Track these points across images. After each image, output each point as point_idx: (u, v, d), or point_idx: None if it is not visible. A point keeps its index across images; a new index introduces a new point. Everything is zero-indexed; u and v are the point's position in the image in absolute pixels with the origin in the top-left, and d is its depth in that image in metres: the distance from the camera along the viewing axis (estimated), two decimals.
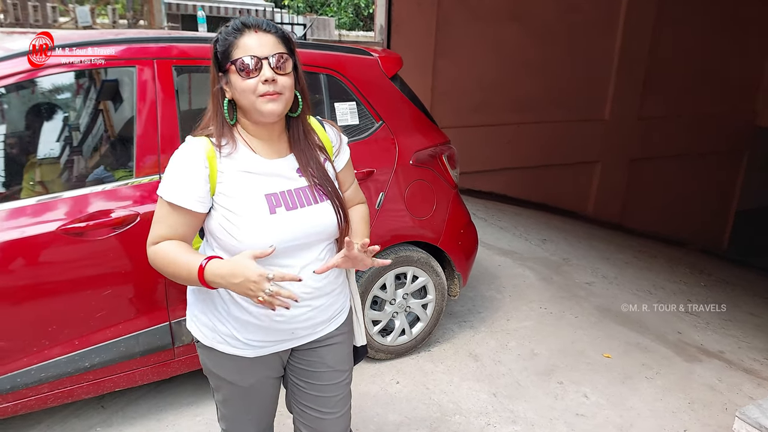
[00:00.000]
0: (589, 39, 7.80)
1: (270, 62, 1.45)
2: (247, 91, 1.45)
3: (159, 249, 1.50)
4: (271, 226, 1.49)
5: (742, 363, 3.57)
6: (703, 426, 2.90)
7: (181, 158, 1.49)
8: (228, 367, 1.64)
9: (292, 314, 1.58)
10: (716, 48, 8.81)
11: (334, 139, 1.70)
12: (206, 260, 1.42)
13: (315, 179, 1.58)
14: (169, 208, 1.49)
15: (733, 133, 9.66)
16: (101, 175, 2.48)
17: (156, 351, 2.58)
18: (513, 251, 4.97)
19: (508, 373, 3.21)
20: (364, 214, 1.79)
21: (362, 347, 1.90)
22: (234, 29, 1.47)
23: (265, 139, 1.56)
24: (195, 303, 1.66)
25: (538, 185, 8.01)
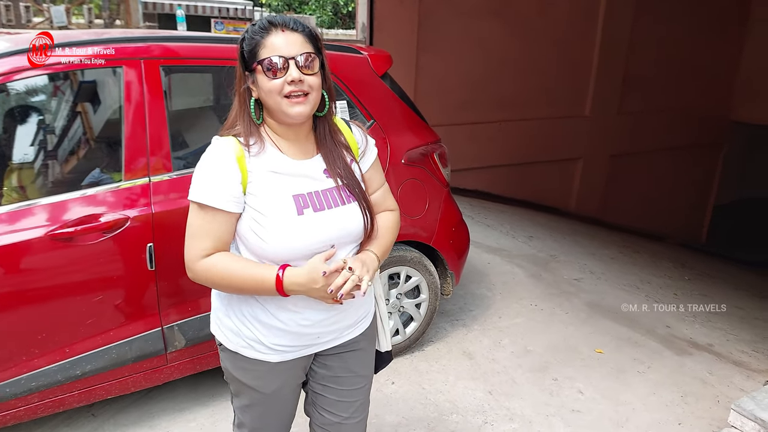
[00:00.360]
0: (569, 36, 7.85)
1: (297, 62, 1.42)
2: (273, 92, 1.43)
3: (215, 264, 1.47)
4: (298, 227, 1.47)
5: (731, 355, 3.61)
6: (696, 419, 2.92)
7: (213, 159, 1.46)
8: (251, 373, 1.61)
9: (318, 318, 1.57)
10: (693, 44, 8.93)
11: (360, 140, 1.67)
12: (281, 270, 1.43)
13: (342, 180, 1.56)
14: (207, 214, 1.45)
15: (711, 128, 9.80)
16: (98, 177, 2.42)
17: (148, 357, 2.53)
18: (501, 249, 4.98)
19: (502, 370, 3.21)
20: (391, 223, 1.71)
21: (387, 353, 1.87)
22: (261, 28, 1.45)
23: (292, 140, 1.54)
24: (220, 307, 1.64)
25: (522, 182, 8.04)
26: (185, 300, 2.58)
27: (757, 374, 3.39)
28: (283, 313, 1.54)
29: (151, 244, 2.41)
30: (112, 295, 2.41)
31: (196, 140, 2.81)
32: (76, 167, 2.53)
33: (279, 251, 1.46)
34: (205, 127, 2.86)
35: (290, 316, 1.54)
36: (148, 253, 2.41)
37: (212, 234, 1.46)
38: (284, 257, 1.47)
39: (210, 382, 2.96)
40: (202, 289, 2.57)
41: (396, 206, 1.77)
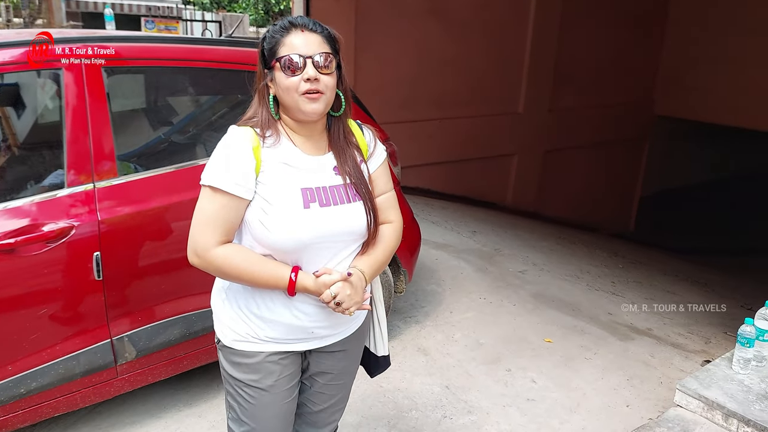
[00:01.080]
0: (502, 35, 8.02)
1: (314, 61, 1.47)
2: (290, 89, 1.49)
3: (230, 255, 1.51)
4: (302, 220, 1.50)
5: (669, 338, 3.78)
6: (643, 400, 3.05)
7: (229, 145, 1.51)
8: (245, 366, 1.63)
9: (311, 311, 1.60)
10: (618, 41, 9.28)
11: (369, 142, 1.70)
12: (293, 274, 1.51)
13: (351, 178, 1.60)
14: (221, 199, 1.48)
15: (636, 123, 10.22)
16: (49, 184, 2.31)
17: (97, 371, 2.43)
18: (447, 244, 5.05)
19: (457, 364, 3.25)
20: (387, 239, 1.69)
21: (384, 357, 1.91)
22: (282, 28, 1.51)
23: (305, 136, 1.58)
24: (218, 303, 1.68)
25: (461, 178, 8.16)
26: (135, 309, 2.49)
27: (694, 355, 3.57)
28: (277, 306, 1.58)
29: (98, 253, 2.31)
30: (58, 307, 2.30)
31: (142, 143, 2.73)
32: (14, 174, 2.40)
33: (282, 242, 1.49)
34: (151, 129, 2.78)
35: (284, 309, 1.58)
36: (95, 262, 2.32)
37: (225, 221, 1.50)
38: (287, 248, 1.51)
39: (161, 394, 2.88)
40: (153, 298, 2.53)
41: (398, 218, 1.75)
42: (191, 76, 2.71)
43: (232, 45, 2.82)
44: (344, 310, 1.53)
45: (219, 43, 2.85)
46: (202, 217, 1.50)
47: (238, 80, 2.73)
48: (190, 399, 2.88)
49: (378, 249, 1.66)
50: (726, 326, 4.21)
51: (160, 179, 2.51)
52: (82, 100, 2.33)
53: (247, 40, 3.65)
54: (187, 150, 2.77)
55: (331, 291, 1.51)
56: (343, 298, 1.52)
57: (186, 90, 2.85)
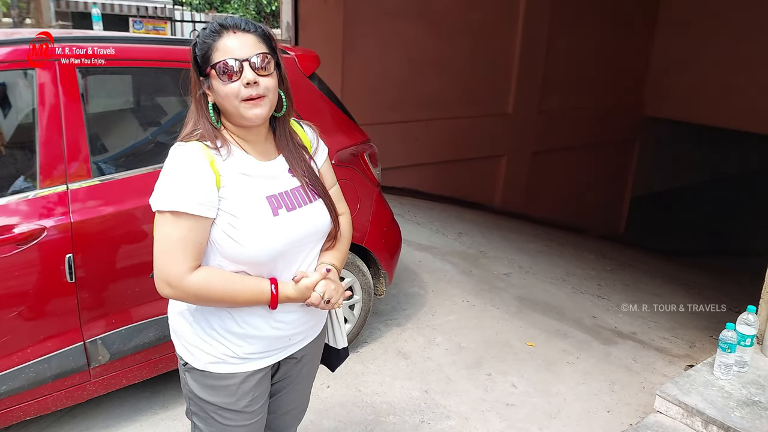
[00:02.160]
0: (491, 36, 8.01)
1: (252, 63, 1.40)
2: (230, 96, 1.41)
3: (210, 280, 1.43)
4: (275, 228, 1.46)
5: (653, 342, 3.78)
6: (624, 405, 3.04)
7: (183, 164, 1.40)
8: (222, 390, 1.56)
9: (290, 319, 1.57)
10: (607, 43, 9.29)
11: (312, 138, 1.67)
12: (273, 286, 1.47)
13: (306, 179, 1.56)
14: (186, 223, 1.38)
15: (625, 124, 10.24)
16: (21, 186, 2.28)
17: (70, 374, 2.40)
18: (431, 246, 5.03)
19: (437, 368, 3.23)
20: (345, 230, 1.69)
21: (344, 349, 1.86)
22: (212, 31, 1.42)
23: (252, 141, 1.52)
24: (184, 325, 1.57)
25: (449, 180, 8.15)
26: (109, 312, 2.46)
27: (678, 359, 3.56)
28: (256, 318, 1.52)
29: (70, 255, 2.28)
30: (29, 310, 2.27)
31: (116, 145, 2.69)
32: None
33: (256, 254, 1.44)
34: (126, 131, 2.74)
35: (263, 321, 1.53)
36: (67, 264, 2.28)
37: (193, 245, 1.40)
38: (261, 260, 1.46)
39: (137, 397, 2.84)
40: (127, 300, 2.50)
41: (347, 210, 1.76)
42: (169, 76, 2.67)
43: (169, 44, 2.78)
44: (333, 306, 1.53)
45: None
46: (169, 245, 1.39)
47: None
48: (166, 402, 2.85)
49: (341, 243, 1.68)
50: (712, 330, 4.20)
51: (135, 181, 2.48)
52: (56, 101, 2.30)
53: None
54: (164, 152, 2.73)
55: (317, 291, 1.49)
56: (331, 294, 1.51)
57: (163, 91, 2.82)
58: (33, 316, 2.28)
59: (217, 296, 1.43)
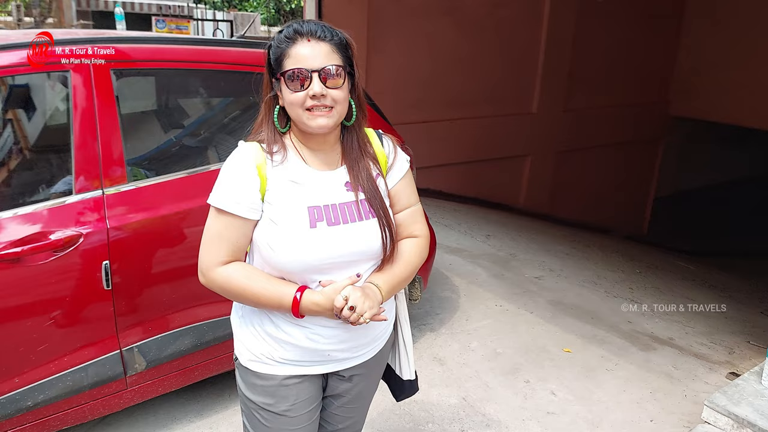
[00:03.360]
0: (516, 34, 7.91)
1: (321, 75, 1.37)
2: (294, 104, 1.40)
3: (232, 274, 1.45)
4: (309, 240, 1.42)
5: (692, 348, 3.68)
6: (668, 414, 2.95)
7: (233, 165, 1.45)
8: (261, 389, 1.56)
9: (328, 334, 1.51)
10: (633, 41, 9.15)
11: (389, 153, 1.59)
12: (299, 293, 1.41)
13: (365, 194, 1.49)
14: (225, 218, 1.43)
15: (651, 123, 10.08)
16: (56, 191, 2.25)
17: (106, 382, 2.36)
18: (461, 249, 4.96)
19: (474, 375, 3.16)
20: (410, 255, 1.58)
21: (410, 381, 1.81)
22: (287, 37, 1.41)
23: (316, 149, 1.49)
24: (236, 319, 1.62)
25: (473, 180, 8.06)
26: (145, 319, 2.42)
27: (719, 366, 3.46)
28: (292, 327, 1.50)
29: (106, 261, 2.24)
30: (66, 318, 2.23)
31: (151, 148, 2.65)
32: (23, 180, 2.33)
33: (288, 263, 1.42)
34: (162, 133, 2.70)
35: (299, 331, 1.50)
36: (104, 271, 2.24)
37: (229, 240, 1.44)
38: (293, 270, 1.43)
39: (171, 404, 2.81)
40: (163, 307, 2.45)
41: (424, 233, 1.64)
42: (202, 78, 2.63)
43: (244, 46, 2.74)
44: (359, 317, 1.37)
45: (230, 44, 2.78)
46: (208, 236, 1.46)
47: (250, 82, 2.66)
48: (201, 410, 2.81)
49: (397, 265, 1.54)
50: (747, 334, 4.10)
51: (171, 185, 2.44)
52: (90, 103, 2.26)
53: (260, 41, 3.56)
54: (198, 155, 2.69)
55: (342, 294, 1.39)
56: (355, 301, 1.37)
57: (197, 93, 2.78)
58: (70, 324, 2.25)
59: (238, 293, 1.45)
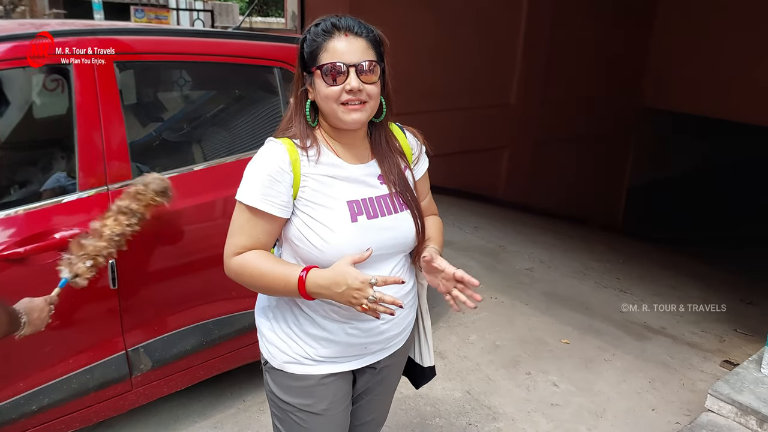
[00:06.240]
0: (494, 25, 7.92)
1: (358, 70, 1.35)
2: (330, 98, 1.37)
3: (245, 261, 1.42)
4: (351, 234, 1.40)
5: (684, 337, 3.74)
6: (668, 403, 3.00)
7: (264, 161, 1.41)
8: (298, 390, 1.52)
9: (366, 328, 1.50)
10: (608, 34, 9.24)
11: (414, 147, 1.61)
12: (305, 271, 1.36)
13: (396, 187, 1.49)
14: (251, 214, 1.40)
15: (625, 115, 10.22)
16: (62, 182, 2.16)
17: (112, 384, 2.31)
18: (451, 241, 4.95)
19: (476, 368, 3.17)
20: (439, 224, 1.69)
21: (430, 368, 1.81)
22: (324, 31, 1.38)
23: (347, 144, 1.47)
24: (264, 323, 1.57)
25: (453, 172, 8.03)
26: (151, 319, 2.37)
27: (712, 354, 3.53)
28: (330, 323, 1.48)
29: (113, 260, 2.17)
30: (71, 318, 2.16)
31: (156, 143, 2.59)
32: (26, 177, 2.24)
33: (331, 258, 1.38)
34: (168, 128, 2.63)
35: (338, 326, 1.48)
36: (110, 270, 2.18)
37: (251, 235, 1.42)
38: None
39: (174, 404, 2.75)
40: (170, 306, 2.40)
41: (437, 212, 1.74)
42: (211, 71, 2.56)
43: (246, 39, 2.68)
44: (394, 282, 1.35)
45: (233, 36, 2.71)
46: (232, 228, 1.45)
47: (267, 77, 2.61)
48: (203, 409, 2.76)
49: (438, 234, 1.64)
50: (734, 323, 4.19)
51: (178, 180, 2.37)
52: (93, 98, 2.18)
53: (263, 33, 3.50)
54: (205, 150, 2.63)
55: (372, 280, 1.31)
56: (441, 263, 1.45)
57: (204, 86, 2.71)
58: (75, 325, 2.19)
59: (250, 279, 1.42)
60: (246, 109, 2.73)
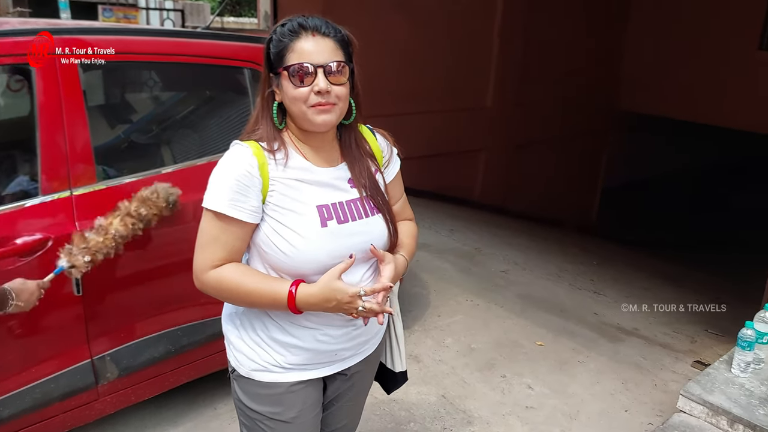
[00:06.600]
0: (469, 28, 7.94)
1: (325, 71, 1.32)
2: (298, 100, 1.33)
3: (224, 277, 1.37)
4: (321, 240, 1.36)
5: (657, 338, 3.77)
6: (640, 404, 3.01)
7: (231, 165, 1.36)
8: (267, 398, 1.49)
9: (337, 334, 1.46)
10: (583, 36, 9.33)
11: (384, 149, 1.58)
12: (293, 286, 1.33)
13: (367, 191, 1.46)
14: (221, 222, 1.35)
15: (599, 117, 10.31)
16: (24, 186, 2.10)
17: (77, 393, 2.25)
18: (426, 244, 4.95)
19: (451, 371, 3.15)
20: (412, 230, 1.66)
21: (401, 373, 1.79)
22: (290, 31, 1.34)
23: (315, 147, 1.43)
24: (231, 330, 1.52)
25: (429, 174, 8.05)
26: (117, 326, 2.31)
27: (683, 355, 3.56)
28: (300, 330, 1.44)
29: None
30: (34, 327, 2.10)
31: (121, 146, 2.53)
32: None
33: (300, 265, 1.35)
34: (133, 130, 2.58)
35: (308, 333, 1.44)
36: None
37: (225, 244, 1.37)
38: (304, 271, 1.37)
39: (143, 413, 2.69)
40: (137, 313, 2.34)
41: (413, 215, 1.71)
42: (179, 72, 2.51)
43: (215, 39, 2.64)
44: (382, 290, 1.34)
45: (202, 36, 2.67)
46: (201, 239, 1.39)
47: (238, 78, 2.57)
48: (174, 417, 2.70)
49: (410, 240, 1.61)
50: (705, 323, 4.23)
51: (143, 185, 2.32)
52: (56, 99, 2.12)
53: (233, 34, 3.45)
54: (172, 152, 2.58)
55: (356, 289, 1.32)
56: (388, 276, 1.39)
57: (174, 88, 2.66)
58: (38, 333, 2.12)
59: (231, 294, 1.39)
60: (216, 111, 2.68)
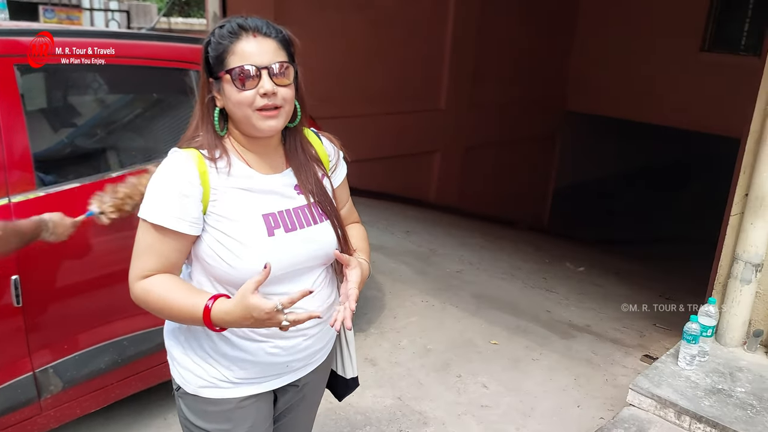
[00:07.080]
0: (424, 31, 7.99)
1: (269, 72, 1.27)
2: (243, 104, 1.28)
3: (151, 286, 1.31)
4: (268, 250, 1.32)
5: (607, 334, 3.85)
6: (591, 399, 3.07)
7: (170, 174, 1.31)
8: (216, 416, 1.43)
9: (288, 345, 1.42)
10: (533, 39, 9.49)
11: (331, 153, 1.53)
12: (211, 300, 1.25)
13: (314, 197, 1.42)
14: (157, 233, 1.30)
15: (549, 118, 10.52)
16: None
17: (18, 408, 2.16)
18: (382, 246, 4.95)
19: (407, 373, 3.16)
20: (363, 233, 1.65)
21: (352, 379, 1.75)
22: (230, 32, 1.28)
23: (259, 153, 1.38)
24: (175, 345, 1.45)
25: (385, 176, 8.08)
26: (61, 337, 2.23)
27: (633, 349, 3.64)
28: (249, 343, 1.39)
29: (16, 276, 2.04)
30: None
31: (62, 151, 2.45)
32: None
33: (247, 277, 1.25)
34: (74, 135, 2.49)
35: (257, 346, 1.39)
36: (14, 287, 2.04)
37: (160, 255, 1.32)
38: None
39: (89, 426, 2.60)
40: (81, 323, 2.27)
41: (359, 218, 1.70)
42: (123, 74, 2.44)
43: (160, 40, 2.58)
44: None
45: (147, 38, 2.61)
46: (137, 249, 1.34)
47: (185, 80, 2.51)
48: (122, 429, 2.64)
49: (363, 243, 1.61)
50: (653, 318, 4.34)
51: (85, 191, 2.24)
52: None
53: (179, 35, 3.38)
54: (115, 158, 2.50)
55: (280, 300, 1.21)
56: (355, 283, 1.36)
57: (119, 91, 2.59)
58: None
59: (156, 306, 1.32)
60: (162, 114, 2.62)
